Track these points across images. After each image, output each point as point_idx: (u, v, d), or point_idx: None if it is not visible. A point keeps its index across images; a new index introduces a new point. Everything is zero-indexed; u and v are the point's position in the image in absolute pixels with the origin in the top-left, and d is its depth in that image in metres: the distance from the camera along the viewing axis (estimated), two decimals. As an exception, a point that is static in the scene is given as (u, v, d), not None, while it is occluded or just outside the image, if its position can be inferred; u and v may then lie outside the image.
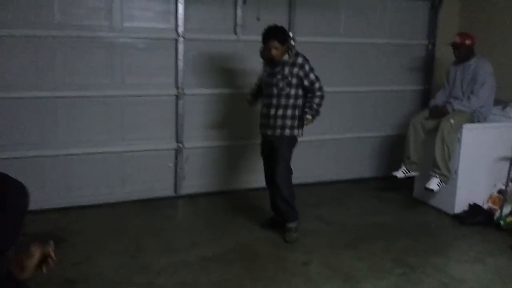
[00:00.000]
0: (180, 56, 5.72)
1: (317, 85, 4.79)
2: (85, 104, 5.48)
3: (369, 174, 6.96)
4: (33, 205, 5.16)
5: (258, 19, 5.74)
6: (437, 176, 5.49)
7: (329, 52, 6.46)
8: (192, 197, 6.01)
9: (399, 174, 5.86)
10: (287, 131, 4.81)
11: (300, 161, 6.36)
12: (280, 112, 4.76)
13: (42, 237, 4.72)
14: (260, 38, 4.79)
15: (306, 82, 4.75)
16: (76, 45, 5.33)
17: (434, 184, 5.47)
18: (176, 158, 5.94)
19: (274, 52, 4.61)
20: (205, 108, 5.96)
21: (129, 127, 5.69)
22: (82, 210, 5.51)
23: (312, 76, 4.77)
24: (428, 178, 5.55)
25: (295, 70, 4.70)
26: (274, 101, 4.76)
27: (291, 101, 4.76)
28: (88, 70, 5.42)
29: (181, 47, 5.70)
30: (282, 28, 4.73)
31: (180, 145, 5.91)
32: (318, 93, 4.82)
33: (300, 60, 4.73)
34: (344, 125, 6.72)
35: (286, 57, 4.72)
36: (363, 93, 6.75)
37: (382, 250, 4.74)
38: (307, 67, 4.75)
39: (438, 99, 5.86)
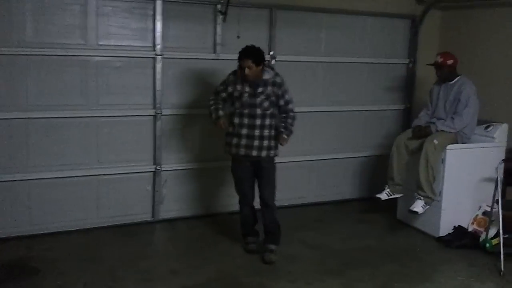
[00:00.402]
0: (158, 75, 5.54)
1: (290, 105, 4.85)
2: (58, 126, 5.25)
3: (352, 195, 6.84)
4: (3, 232, 5.07)
5: (238, 37, 5.61)
6: (422, 198, 5.38)
7: (309, 71, 6.36)
8: (171, 222, 5.79)
9: (383, 196, 5.74)
10: (272, 152, 4.84)
11: (283, 183, 6.23)
12: (266, 133, 4.73)
13: (11, 268, 4.57)
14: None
15: (281, 102, 4.79)
16: (49, 64, 5.11)
17: (418, 206, 5.36)
18: (154, 181, 5.73)
19: (247, 71, 4.58)
20: (183, 129, 5.76)
21: (105, 149, 5.47)
22: (55, 236, 5.25)
23: (287, 96, 4.81)
24: (412, 200, 5.46)
25: (275, 89, 4.73)
26: (258, 121, 4.69)
27: (273, 121, 4.77)
28: (61, 90, 5.20)
29: (159, 66, 5.52)
30: (258, 48, 4.70)
31: (158, 168, 5.70)
32: (291, 114, 4.87)
33: (279, 79, 4.77)
34: (325, 145, 6.59)
35: (267, 75, 4.72)
36: (344, 113, 6.64)
37: (368, 277, 4.61)
38: (284, 87, 4.79)
39: (421, 119, 5.78)
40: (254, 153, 4.73)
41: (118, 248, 5.05)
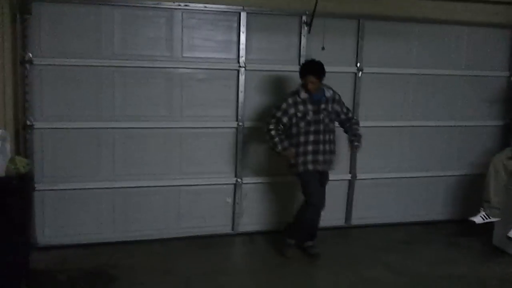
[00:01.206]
0: (241, 88, 5.49)
1: (351, 113, 5.21)
2: (143, 136, 5.34)
3: (443, 217, 6.40)
4: (87, 238, 5.21)
5: (323, 48, 5.47)
6: (522, 223, 4.91)
7: (399, 84, 6.05)
8: (250, 235, 5.69)
9: (477, 219, 5.30)
10: (333, 165, 5.17)
11: (368, 200, 6.05)
12: (329, 147, 5.00)
13: (91, 274, 4.67)
14: (325, 68, 4.92)
15: (343, 115, 5.12)
16: (135, 75, 5.22)
17: (518, 233, 4.90)
18: (234, 193, 5.67)
19: (310, 86, 4.83)
20: (264, 142, 5.65)
21: (187, 160, 5.50)
22: (136, 245, 5.34)
23: (345, 106, 5.15)
24: (510, 225, 4.98)
25: (335, 105, 5.03)
26: (321, 137, 4.93)
27: (333, 135, 5.05)
28: (146, 101, 5.29)
29: (242, 78, 5.47)
30: (319, 63, 4.90)
31: (239, 180, 5.63)
32: (354, 119, 5.19)
33: (337, 96, 5.06)
34: (415, 162, 6.23)
35: (328, 93, 4.98)
36: (436, 128, 6.25)
37: (458, 309, 4.23)
38: (342, 101, 5.11)
39: (523, 137, 5.30)
40: (320, 167, 4.97)
41: (196, 260, 5.02)
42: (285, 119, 4.90)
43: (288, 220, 5.50)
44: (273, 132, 4.89)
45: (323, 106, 4.90)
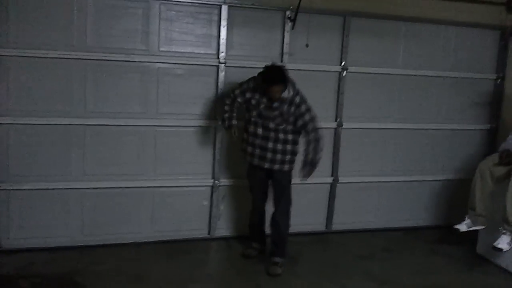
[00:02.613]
0: (221, 85, 5.24)
1: (310, 126, 4.65)
2: (115, 133, 5.06)
3: (426, 222, 6.24)
4: (54, 241, 4.91)
5: (307, 45, 5.24)
6: (508, 233, 4.76)
7: (384, 84, 5.86)
8: (227, 240, 5.45)
9: (462, 227, 5.13)
10: (286, 167, 4.74)
11: (349, 206, 5.90)
12: (279, 146, 4.66)
13: (56, 281, 4.39)
14: (307, 66, 4.93)
15: (300, 122, 4.64)
16: (108, 69, 4.93)
17: (504, 243, 4.75)
18: (211, 196, 5.42)
19: (277, 95, 4.55)
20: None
21: (162, 160, 5.23)
22: (106, 249, 5.07)
23: (307, 116, 4.64)
24: (496, 234, 4.85)
25: (292, 109, 4.60)
26: (272, 134, 4.65)
27: (290, 136, 4.68)
28: (120, 97, 5.01)
29: (222, 74, 5.22)
30: (284, 71, 4.61)
31: (216, 182, 5.38)
32: (311, 135, 4.65)
33: (297, 99, 4.62)
34: (398, 166, 6.05)
35: (285, 94, 4.58)
36: (421, 131, 6.07)
37: (442, 322, 4.06)
38: (303, 108, 4.63)
39: (510, 143, 5.14)
40: (266, 165, 4.69)
41: (169, 267, 4.78)
42: (240, 99, 4.78)
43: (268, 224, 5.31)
44: (226, 108, 4.85)
45: (275, 105, 4.57)
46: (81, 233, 5.09)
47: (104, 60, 4.89)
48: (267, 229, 5.03)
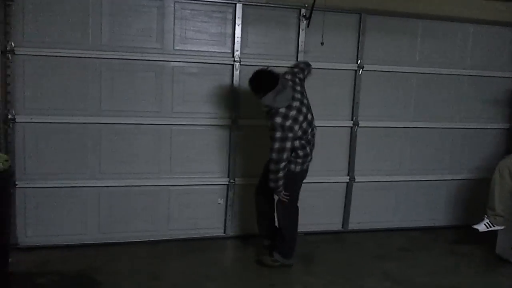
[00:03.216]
0: (236, 83, 5.22)
1: (270, 154, 4.39)
2: (131, 132, 5.07)
3: (444, 222, 6.16)
4: (71, 239, 4.94)
5: (322, 44, 5.18)
6: (528, 233, 4.67)
7: (401, 83, 5.79)
8: (243, 239, 5.43)
9: (481, 227, 5.06)
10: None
11: (366, 205, 5.85)
12: None
13: (73, 280, 4.41)
14: (323, 65, 4.87)
15: None
16: (123, 68, 4.96)
17: (524, 243, 4.66)
18: (227, 194, 5.41)
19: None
20: (260, 141, 5.38)
21: (177, 159, 5.24)
22: (122, 247, 5.09)
23: (271, 143, 4.37)
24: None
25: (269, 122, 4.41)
26: None
27: None
28: (135, 96, 5.03)
29: (237, 73, 5.21)
30: (263, 75, 4.41)
31: (232, 181, 5.37)
32: (271, 166, 4.44)
33: (271, 119, 4.33)
34: (416, 166, 5.98)
35: (267, 102, 4.33)
36: (439, 131, 6.00)
37: (460, 323, 3.98)
38: (270, 134, 4.37)
39: (530, 141, 5.05)
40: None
41: (184, 265, 4.77)
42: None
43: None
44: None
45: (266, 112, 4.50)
46: (98, 231, 5.12)
47: (119, 59, 4.91)
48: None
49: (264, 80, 4.36)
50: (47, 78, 4.79)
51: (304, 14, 5.26)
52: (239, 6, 5.10)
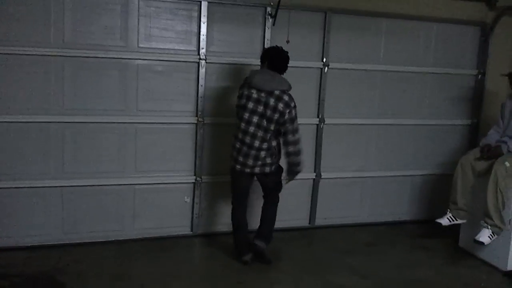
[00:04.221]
0: (202, 81, 5.20)
1: (294, 135, 4.69)
2: (95, 131, 5.00)
3: (409, 217, 6.25)
4: (34, 239, 4.83)
5: (288, 42, 5.19)
6: (489, 227, 4.78)
7: (366, 80, 5.86)
8: (210, 237, 5.41)
9: (444, 221, 5.16)
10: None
11: (332, 201, 5.89)
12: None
13: (37, 280, 4.32)
14: (290, 63, 4.69)
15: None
16: (86, 66, 4.88)
17: (485, 236, 4.77)
18: (193, 192, 5.38)
19: None
20: (224, 139, 5.36)
21: (143, 157, 5.18)
22: (87, 247, 5.01)
23: (292, 124, 4.67)
24: (477, 228, 4.87)
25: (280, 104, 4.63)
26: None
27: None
28: (99, 94, 4.96)
29: (202, 71, 5.18)
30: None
31: (198, 179, 5.34)
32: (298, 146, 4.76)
33: (289, 101, 4.62)
34: (381, 161, 6.06)
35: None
36: (403, 127, 6.08)
37: (424, 315, 4.05)
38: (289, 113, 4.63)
39: (491, 137, 5.17)
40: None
41: (151, 264, 4.72)
42: None
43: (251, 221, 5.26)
44: None
45: None
46: (61, 231, 5.02)
47: (82, 57, 4.83)
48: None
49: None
50: (8, 77, 4.67)
51: (270, 12, 5.27)
52: (204, 4, 5.07)
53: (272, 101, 4.42)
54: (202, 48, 5.16)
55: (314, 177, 5.79)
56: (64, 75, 4.82)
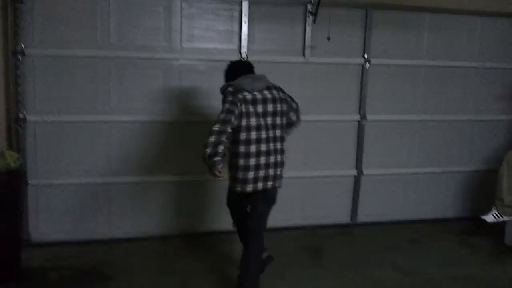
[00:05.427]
0: (243, 80, 5.26)
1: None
2: (141, 129, 5.14)
3: (453, 214, 6.17)
4: (83, 235, 5.00)
5: (328, 39, 5.21)
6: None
7: (409, 76, 5.81)
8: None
9: (489, 218, 5.08)
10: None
11: (374, 197, 5.85)
12: None
13: (85, 274, 4.48)
14: (330, 60, 4.85)
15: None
16: (132, 66, 5.03)
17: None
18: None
19: None
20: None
21: (183, 155, 5.26)
22: (133, 242, 5.16)
23: None
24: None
25: None
26: None
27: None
28: (144, 94, 5.09)
29: (244, 69, 5.25)
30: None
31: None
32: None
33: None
34: (425, 158, 5.99)
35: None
36: (447, 123, 6.00)
37: (468, 313, 4.00)
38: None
39: (538, 132, 5.04)
40: None
41: (195, 259, 4.82)
42: None
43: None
44: None
45: None
46: (108, 227, 5.20)
47: (127, 57, 4.99)
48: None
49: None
50: (57, 78, 4.88)
51: (310, 10, 5.29)
52: (245, 4, 5.15)
53: (276, 93, 3.90)
54: (243, 47, 5.23)
55: (355, 174, 5.78)
56: (111, 75, 4.98)
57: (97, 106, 5.00)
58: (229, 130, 3.68)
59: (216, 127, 3.64)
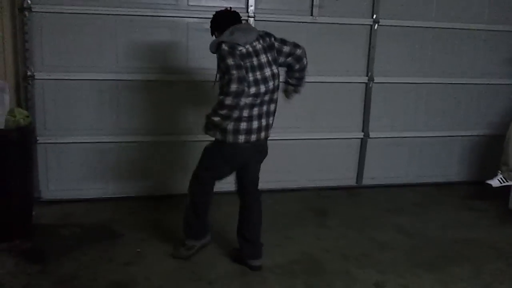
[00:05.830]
0: (250, 40, 5.21)
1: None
2: (146, 88, 5.14)
3: (458, 178, 6.19)
4: (92, 193, 5.06)
5: (337, -1, 5.14)
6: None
7: (417, 38, 5.74)
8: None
9: (494, 182, 5.10)
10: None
11: (380, 161, 5.88)
12: None
13: (95, 231, 4.56)
14: (338, 19, 4.82)
15: None
16: (138, 24, 4.99)
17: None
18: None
19: None
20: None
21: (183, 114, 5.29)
22: (141, 201, 5.23)
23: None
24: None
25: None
26: None
27: None
28: (150, 52, 5.07)
29: (252, 29, 5.19)
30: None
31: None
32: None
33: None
34: (430, 121, 5.98)
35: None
36: (454, 86, 5.96)
37: (469, 274, 4.04)
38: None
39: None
40: None
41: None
42: None
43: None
44: None
45: None
46: (117, 185, 5.25)
47: (132, 15, 4.94)
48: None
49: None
50: (64, 35, 4.85)
51: (319, -33, 5.21)
52: (253, -39, 5.07)
53: (264, 42, 3.70)
54: (251, 6, 5.17)
55: (362, 137, 5.78)
56: (117, 33, 4.94)
57: (105, 64, 4.98)
58: (246, 89, 3.43)
59: (233, 87, 3.35)
